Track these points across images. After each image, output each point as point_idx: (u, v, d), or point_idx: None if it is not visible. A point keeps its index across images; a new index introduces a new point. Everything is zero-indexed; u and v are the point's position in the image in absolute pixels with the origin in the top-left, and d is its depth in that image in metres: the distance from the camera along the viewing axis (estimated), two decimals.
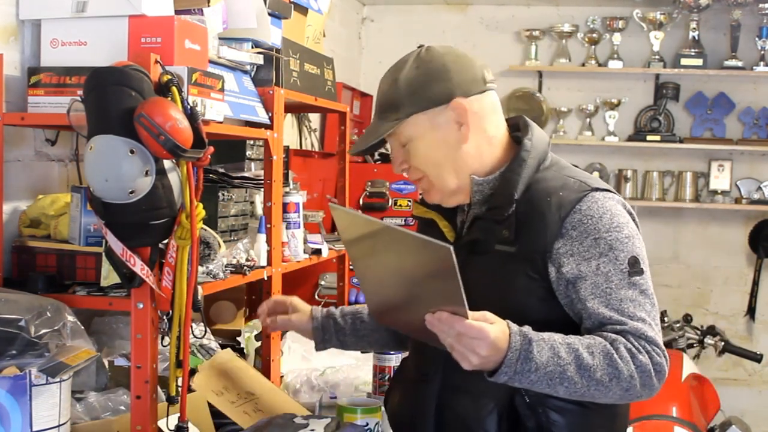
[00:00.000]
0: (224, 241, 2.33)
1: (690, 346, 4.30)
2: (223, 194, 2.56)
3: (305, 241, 2.74)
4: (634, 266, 1.62)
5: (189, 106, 1.75)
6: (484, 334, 1.46)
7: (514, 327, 1.53)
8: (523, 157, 1.70)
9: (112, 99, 1.67)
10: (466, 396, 1.66)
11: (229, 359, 2.31)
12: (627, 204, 1.72)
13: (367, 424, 2.09)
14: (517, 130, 1.79)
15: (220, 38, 2.18)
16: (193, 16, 2.00)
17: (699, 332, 4.34)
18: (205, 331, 2.39)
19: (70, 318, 1.74)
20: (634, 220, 1.71)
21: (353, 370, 2.58)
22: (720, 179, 5.16)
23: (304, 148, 4.22)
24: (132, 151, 1.67)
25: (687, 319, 4.58)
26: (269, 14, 2.37)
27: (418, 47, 1.75)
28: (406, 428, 1.81)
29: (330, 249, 2.90)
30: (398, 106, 1.68)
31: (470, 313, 1.48)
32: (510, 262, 1.64)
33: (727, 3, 4.93)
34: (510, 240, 1.64)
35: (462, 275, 1.49)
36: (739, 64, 5.03)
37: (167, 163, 1.73)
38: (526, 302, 1.63)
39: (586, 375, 1.52)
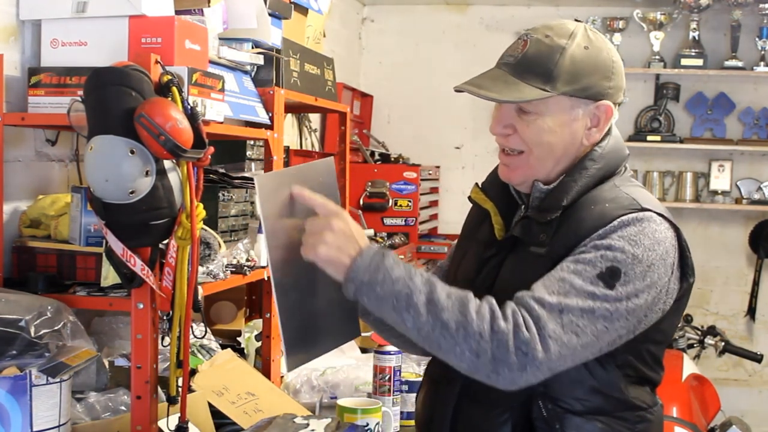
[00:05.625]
0: (224, 241, 2.33)
1: (690, 346, 4.31)
2: (224, 194, 2.56)
3: None
4: (611, 276, 1.47)
5: (189, 107, 1.75)
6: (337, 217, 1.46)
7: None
8: (585, 165, 1.62)
9: (113, 99, 1.67)
10: (480, 405, 1.61)
11: (229, 359, 2.32)
12: (684, 240, 1.64)
13: (367, 424, 2.09)
14: None
15: (220, 38, 2.18)
16: (193, 16, 2.00)
17: (699, 332, 4.35)
18: (206, 332, 2.39)
19: (71, 318, 1.74)
20: (686, 262, 1.61)
21: (353, 370, 2.58)
22: (720, 179, 5.16)
23: (304, 148, 4.21)
24: (132, 152, 1.66)
25: (687, 319, 4.58)
26: (269, 14, 2.37)
27: (576, 21, 1.63)
28: (425, 425, 1.76)
29: None
30: (552, 77, 1.56)
31: None
32: (538, 263, 1.56)
33: (727, 3, 4.93)
34: (543, 242, 1.57)
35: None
36: (740, 64, 5.03)
37: (167, 164, 1.73)
38: None
39: (434, 311, 1.43)
